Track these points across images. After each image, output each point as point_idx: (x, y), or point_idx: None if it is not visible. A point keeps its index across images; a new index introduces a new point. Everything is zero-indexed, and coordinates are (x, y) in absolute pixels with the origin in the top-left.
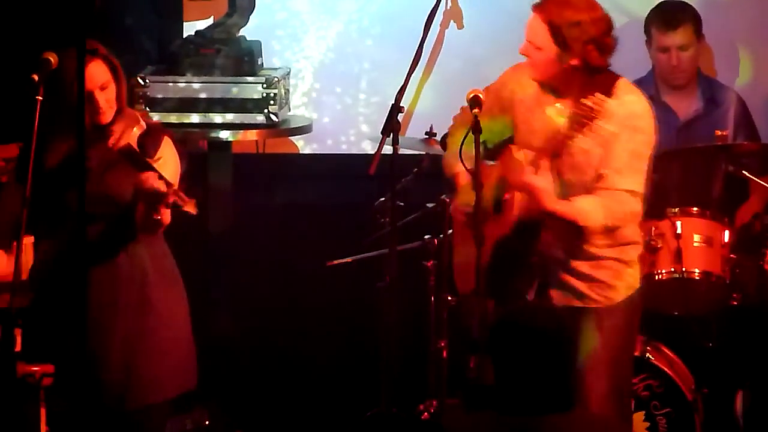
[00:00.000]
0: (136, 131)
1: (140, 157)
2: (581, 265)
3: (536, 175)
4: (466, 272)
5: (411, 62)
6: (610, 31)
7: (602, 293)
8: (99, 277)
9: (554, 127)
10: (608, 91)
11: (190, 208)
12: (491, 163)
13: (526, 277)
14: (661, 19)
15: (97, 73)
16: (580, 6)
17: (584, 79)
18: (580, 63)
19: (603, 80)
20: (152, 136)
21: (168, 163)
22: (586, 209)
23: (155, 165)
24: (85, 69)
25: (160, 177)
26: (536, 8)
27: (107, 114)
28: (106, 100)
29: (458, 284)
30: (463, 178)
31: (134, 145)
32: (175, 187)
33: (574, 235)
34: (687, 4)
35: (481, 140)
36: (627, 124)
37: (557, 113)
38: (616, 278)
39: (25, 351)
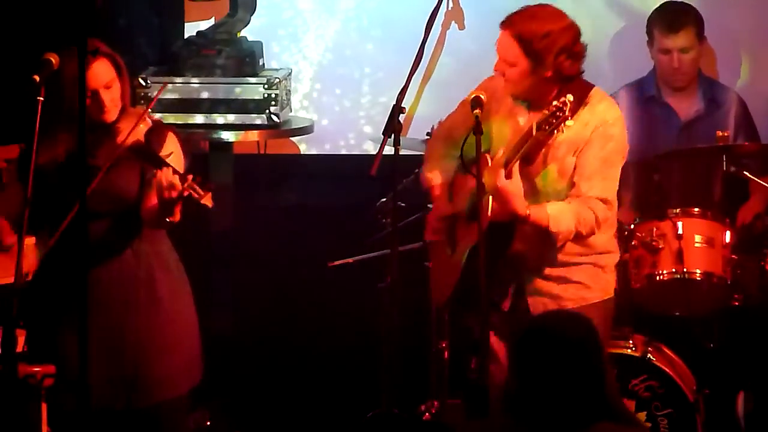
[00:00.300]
0: (143, 128)
1: (154, 154)
2: (556, 271)
3: (509, 180)
4: (442, 281)
5: (412, 63)
6: (578, 39)
7: (577, 293)
8: (106, 275)
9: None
10: (582, 100)
11: (207, 201)
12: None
13: (500, 286)
14: (663, 22)
15: (102, 71)
16: (547, 17)
17: (558, 89)
18: (553, 74)
19: (577, 89)
20: (157, 132)
21: (175, 158)
22: (557, 215)
23: (167, 155)
24: (89, 68)
25: (175, 172)
26: (504, 25)
27: (112, 112)
28: (111, 99)
29: (434, 294)
30: (439, 190)
31: (143, 140)
32: (189, 180)
33: (547, 243)
34: (689, 5)
35: (459, 154)
36: (599, 132)
37: (529, 123)
38: (592, 280)
39: (30, 352)
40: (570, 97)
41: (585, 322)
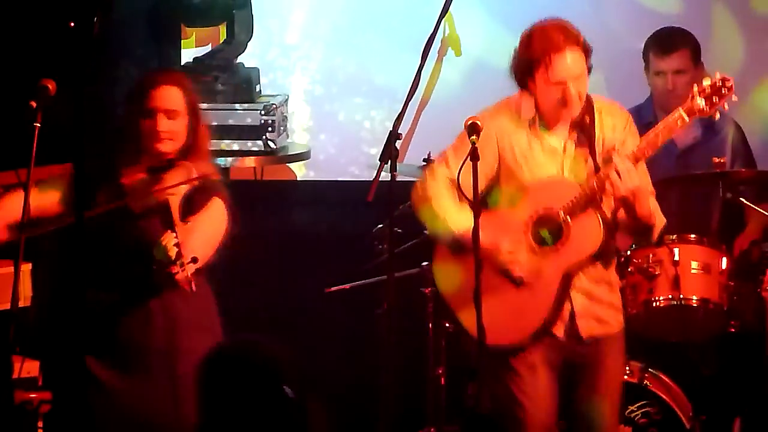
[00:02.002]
0: (183, 189)
1: (170, 218)
2: (600, 290)
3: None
4: (513, 321)
5: (409, 89)
6: None
7: (616, 317)
8: (132, 322)
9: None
10: (591, 107)
11: (185, 285)
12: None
13: (558, 312)
14: (657, 44)
15: (167, 95)
16: (570, 24)
17: None
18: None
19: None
20: (202, 194)
21: (203, 226)
22: (654, 208)
23: (186, 226)
24: (155, 89)
25: (177, 244)
26: (559, 47)
27: (165, 144)
28: (169, 130)
29: (496, 337)
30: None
31: (178, 200)
32: (206, 256)
33: (607, 253)
34: (685, 30)
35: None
36: (629, 130)
37: (560, 142)
38: (619, 302)
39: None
40: (723, 74)
41: (273, 349)
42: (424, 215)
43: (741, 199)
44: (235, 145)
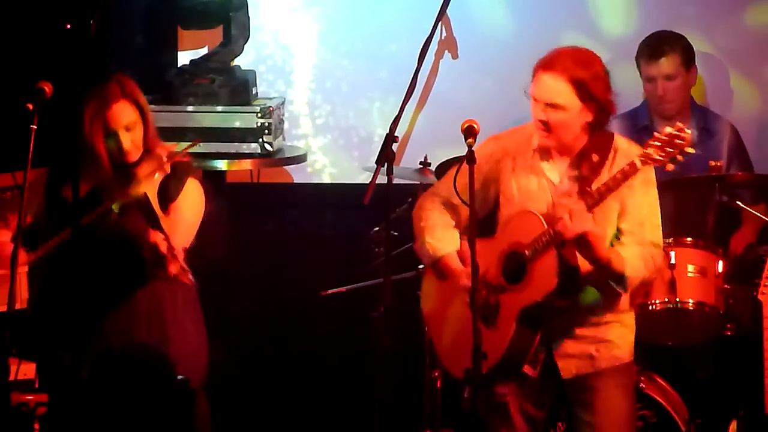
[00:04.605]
0: (158, 177)
1: (152, 212)
2: (587, 331)
3: (592, 223)
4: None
5: (405, 92)
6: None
7: (610, 352)
8: (120, 315)
9: (558, 189)
10: (608, 147)
11: (184, 278)
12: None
13: (534, 353)
14: (646, 50)
15: (122, 113)
16: (590, 59)
17: (587, 138)
18: (593, 119)
19: (601, 137)
20: (176, 178)
21: (184, 214)
22: (631, 259)
23: (169, 218)
24: (110, 108)
25: (165, 238)
26: (548, 67)
27: (133, 154)
28: (132, 141)
29: (453, 367)
30: (454, 261)
31: (155, 191)
32: (190, 240)
33: (605, 292)
34: (676, 33)
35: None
36: (641, 177)
37: (557, 176)
38: (621, 339)
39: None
40: (680, 125)
41: (159, 355)
42: (415, 234)
43: (737, 202)
44: (232, 148)
